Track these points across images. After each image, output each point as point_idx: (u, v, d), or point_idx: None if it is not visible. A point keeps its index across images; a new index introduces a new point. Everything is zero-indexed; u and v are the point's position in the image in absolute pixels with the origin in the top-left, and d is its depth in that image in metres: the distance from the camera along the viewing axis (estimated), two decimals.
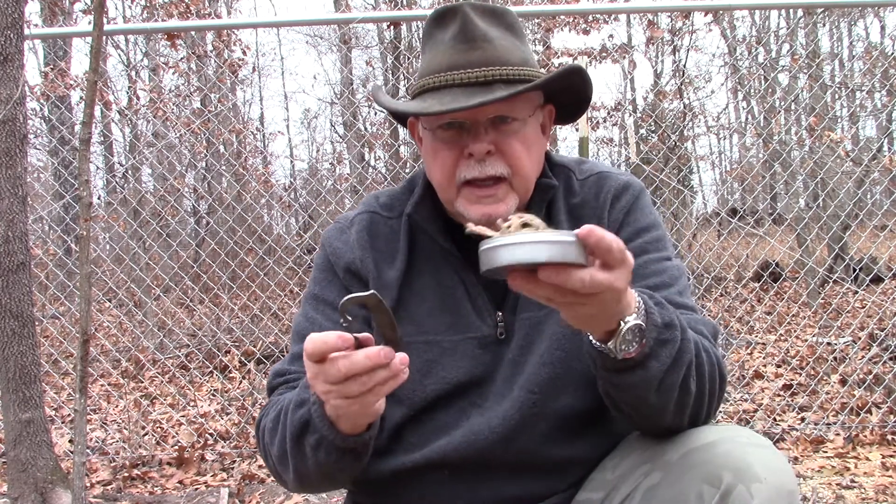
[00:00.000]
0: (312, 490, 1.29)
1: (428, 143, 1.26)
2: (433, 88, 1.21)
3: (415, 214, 1.29)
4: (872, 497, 2.94)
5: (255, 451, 3.76)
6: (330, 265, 1.32)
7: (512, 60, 1.20)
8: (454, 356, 1.23)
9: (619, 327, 0.99)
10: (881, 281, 6.51)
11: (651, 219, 1.32)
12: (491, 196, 1.20)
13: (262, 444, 1.23)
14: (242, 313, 6.19)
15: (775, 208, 6.17)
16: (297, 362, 1.24)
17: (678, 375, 1.05)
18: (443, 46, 1.22)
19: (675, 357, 1.04)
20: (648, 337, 1.01)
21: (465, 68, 1.18)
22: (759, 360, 4.94)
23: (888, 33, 10.19)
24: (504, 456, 1.21)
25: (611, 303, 0.94)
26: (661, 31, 8.29)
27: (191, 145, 6.71)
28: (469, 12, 1.21)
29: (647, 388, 1.04)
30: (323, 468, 1.12)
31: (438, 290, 1.26)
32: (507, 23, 1.24)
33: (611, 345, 1.00)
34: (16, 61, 2.73)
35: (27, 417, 2.79)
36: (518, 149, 1.21)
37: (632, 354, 1.01)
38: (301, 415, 1.10)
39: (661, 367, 1.03)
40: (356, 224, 1.33)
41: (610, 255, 0.89)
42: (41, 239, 5.92)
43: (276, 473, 1.23)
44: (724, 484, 1.01)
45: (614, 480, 1.19)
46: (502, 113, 1.19)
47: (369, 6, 12.53)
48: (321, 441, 1.08)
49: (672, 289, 1.24)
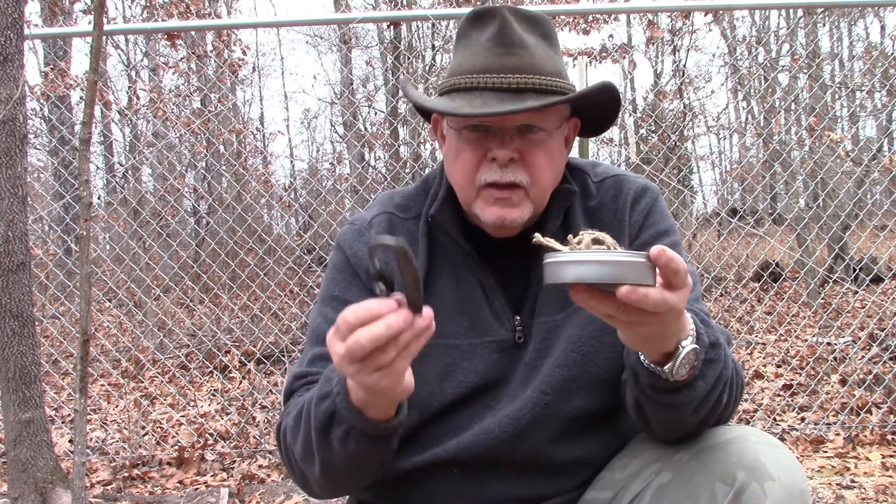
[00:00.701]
0: (339, 490, 1.24)
1: (452, 143, 1.25)
2: (464, 89, 1.19)
3: (438, 216, 1.28)
4: (872, 497, 2.94)
5: (255, 450, 3.76)
6: (350, 266, 1.29)
7: (545, 69, 1.19)
8: (472, 360, 1.23)
9: (678, 351, 1.00)
10: (881, 281, 6.51)
11: (669, 222, 1.33)
12: (507, 199, 1.20)
13: (283, 446, 1.20)
14: (242, 313, 6.19)
15: (775, 208, 6.17)
16: (318, 363, 1.22)
17: (717, 392, 1.07)
18: (477, 47, 1.21)
19: (718, 376, 1.06)
20: (699, 359, 1.03)
21: (499, 73, 1.17)
22: (759, 360, 4.94)
23: (888, 33, 10.20)
24: (513, 455, 1.21)
25: (671, 324, 0.96)
26: (661, 31, 8.29)
27: (191, 145, 6.71)
28: (508, 16, 1.20)
29: (690, 406, 1.06)
30: (354, 460, 1.08)
31: (457, 293, 1.26)
32: (544, 31, 1.23)
33: (668, 368, 1.02)
34: (16, 61, 2.72)
35: (27, 417, 2.79)
36: (541, 160, 1.20)
37: (684, 377, 1.02)
38: (325, 407, 1.06)
39: (707, 386, 1.05)
40: (375, 226, 1.31)
41: (677, 276, 0.91)
42: (41, 239, 5.92)
43: (300, 476, 1.19)
44: (738, 482, 1.02)
45: (623, 480, 1.20)
46: (530, 122, 1.19)
47: (369, 6, 12.52)
48: (349, 431, 1.04)
49: (690, 295, 1.26)
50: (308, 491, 1.22)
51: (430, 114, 1.33)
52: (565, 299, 1.26)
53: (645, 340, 1.00)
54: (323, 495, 1.23)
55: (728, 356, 1.09)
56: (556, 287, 0.90)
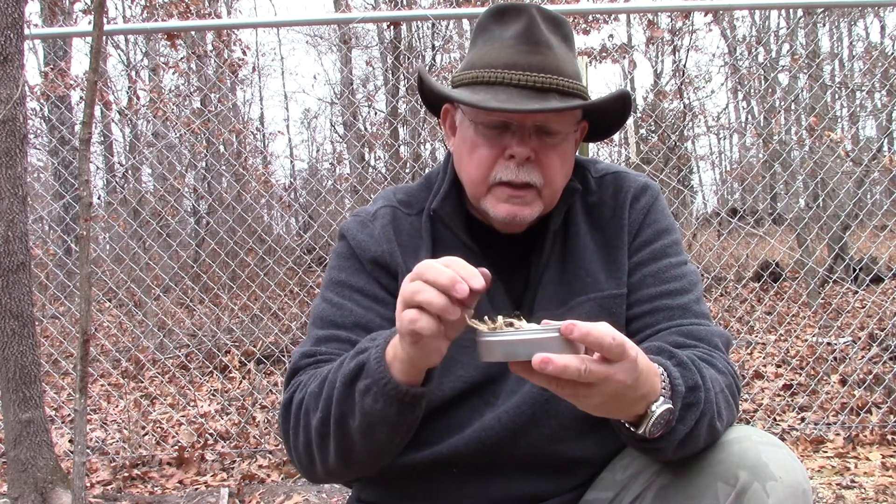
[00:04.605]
0: (346, 469, 1.15)
1: (467, 136, 1.24)
2: (487, 83, 1.19)
3: (440, 210, 1.28)
4: (872, 497, 2.94)
5: (255, 450, 3.76)
6: (354, 255, 1.29)
7: (567, 71, 1.19)
8: (472, 355, 1.23)
9: (648, 414, 0.99)
10: (881, 281, 6.51)
11: (669, 221, 1.32)
12: (520, 198, 1.20)
13: (297, 417, 1.14)
14: (242, 313, 6.19)
15: (775, 208, 6.17)
16: (326, 344, 1.22)
17: (702, 428, 1.06)
18: (501, 43, 1.20)
19: (699, 416, 1.05)
20: (675, 413, 1.01)
21: (525, 70, 1.17)
22: (759, 360, 4.94)
23: (888, 33, 10.19)
24: (513, 452, 1.21)
25: (623, 393, 0.94)
26: (661, 31, 8.29)
27: (191, 145, 6.71)
28: (536, 15, 1.19)
29: (671, 448, 1.06)
30: (370, 422, 1.05)
31: None
32: (565, 33, 1.24)
33: (641, 430, 1.01)
34: (16, 61, 2.72)
35: (27, 417, 2.79)
36: (555, 162, 1.21)
37: (660, 433, 1.01)
38: (359, 360, 1.06)
39: (686, 428, 1.04)
40: (380, 218, 1.31)
41: (602, 349, 0.90)
42: (41, 239, 5.92)
43: (307, 452, 1.14)
44: (740, 482, 1.02)
45: (624, 480, 1.20)
46: (550, 123, 1.19)
47: (369, 6, 12.52)
48: (371, 387, 1.03)
49: (690, 295, 1.25)
50: (309, 472, 1.17)
51: (438, 103, 1.32)
52: (566, 294, 1.26)
53: (600, 409, 0.96)
54: (326, 477, 1.18)
55: (711, 389, 1.07)
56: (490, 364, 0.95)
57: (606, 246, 1.29)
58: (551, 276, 1.27)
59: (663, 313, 1.23)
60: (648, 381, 0.96)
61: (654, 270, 1.27)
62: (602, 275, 1.27)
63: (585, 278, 1.26)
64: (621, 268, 1.27)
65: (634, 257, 1.28)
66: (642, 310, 1.25)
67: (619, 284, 1.26)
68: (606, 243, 1.29)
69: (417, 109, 5.71)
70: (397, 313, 0.97)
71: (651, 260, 1.28)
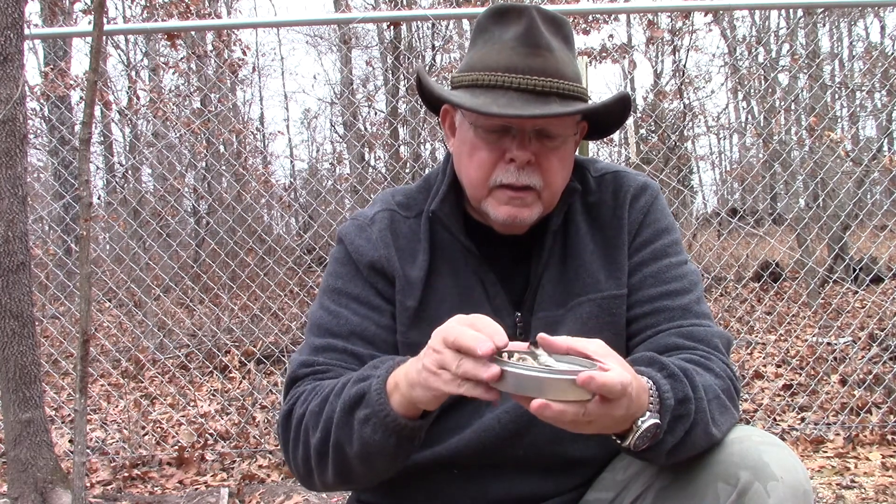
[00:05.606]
0: (343, 484, 1.19)
1: (467, 139, 1.23)
2: (487, 86, 1.18)
3: (438, 211, 1.27)
4: (872, 497, 2.94)
5: (255, 450, 3.76)
6: (352, 261, 1.29)
7: (568, 74, 1.18)
8: None
9: (634, 428, 1.00)
10: (881, 281, 6.51)
11: (669, 220, 1.32)
12: (521, 199, 1.20)
13: (297, 432, 1.15)
14: (242, 313, 6.19)
15: (775, 208, 6.16)
16: (323, 354, 1.22)
17: (693, 437, 1.06)
18: (501, 44, 1.19)
19: (689, 427, 1.05)
20: (664, 422, 1.02)
21: (525, 73, 1.16)
22: (759, 360, 4.94)
23: (888, 33, 10.20)
24: (513, 452, 1.21)
25: (615, 420, 0.96)
26: (661, 31, 8.29)
27: (191, 145, 6.71)
28: (536, 16, 1.18)
29: (660, 457, 1.06)
30: (367, 449, 1.07)
31: (458, 290, 1.26)
32: (565, 34, 1.23)
33: (627, 443, 1.01)
34: (16, 61, 2.72)
35: (27, 417, 2.79)
36: (556, 165, 1.21)
37: (646, 445, 1.02)
38: (360, 388, 1.07)
39: (675, 439, 1.04)
40: (377, 222, 1.30)
41: (611, 394, 0.91)
42: (41, 239, 5.91)
43: (305, 466, 1.16)
44: (741, 482, 1.02)
45: (625, 480, 1.20)
46: (550, 127, 1.19)
47: (369, 6, 12.52)
48: (370, 417, 1.04)
49: (691, 295, 1.25)
50: (307, 483, 1.19)
51: (438, 104, 1.32)
52: (565, 295, 1.26)
53: (587, 431, 0.98)
54: (323, 489, 1.20)
55: (703, 398, 1.07)
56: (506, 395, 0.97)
57: (606, 246, 1.29)
58: (551, 276, 1.27)
59: (664, 314, 1.23)
60: (637, 401, 0.97)
61: (654, 271, 1.26)
62: (602, 275, 1.27)
63: (585, 278, 1.26)
64: (621, 268, 1.27)
65: (634, 257, 1.28)
66: (643, 311, 1.25)
67: (620, 285, 1.26)
68: (606, 243, 1.29)
69: (417, 109, 5.71)
70: (432, 366, 0.98)
71: (651, 260, 1.27)
